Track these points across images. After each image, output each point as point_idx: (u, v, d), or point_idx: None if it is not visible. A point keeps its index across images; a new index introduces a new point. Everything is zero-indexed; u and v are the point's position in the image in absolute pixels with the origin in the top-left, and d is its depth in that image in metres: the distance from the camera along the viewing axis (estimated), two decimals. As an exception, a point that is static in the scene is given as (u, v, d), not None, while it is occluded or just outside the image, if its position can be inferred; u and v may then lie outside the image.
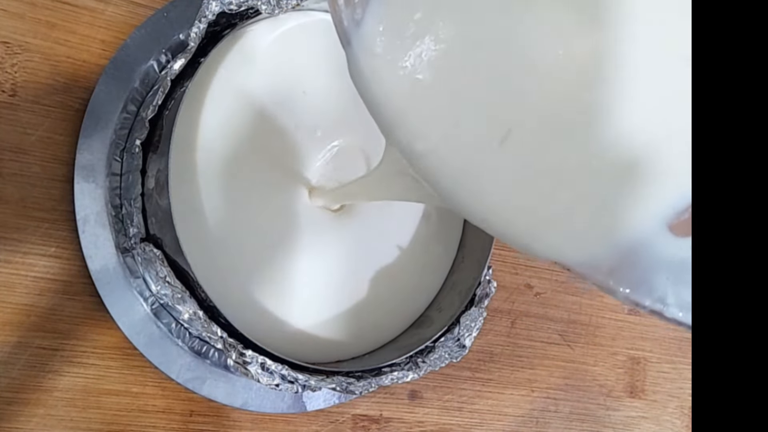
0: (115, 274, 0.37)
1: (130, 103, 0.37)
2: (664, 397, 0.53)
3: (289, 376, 0.35)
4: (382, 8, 0.24)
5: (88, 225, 0.36)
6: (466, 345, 0.40)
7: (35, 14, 0.37)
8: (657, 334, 0.53)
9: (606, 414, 0.51)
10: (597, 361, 0.51)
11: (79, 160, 0.37)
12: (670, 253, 0.24)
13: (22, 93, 0.36)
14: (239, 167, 0.37)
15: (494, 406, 0.47)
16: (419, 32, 0.23)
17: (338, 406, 0.42)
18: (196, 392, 0.38)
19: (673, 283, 0.23)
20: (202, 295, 0.34)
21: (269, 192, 0.38)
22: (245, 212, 0.38)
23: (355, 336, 0.40)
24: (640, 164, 0.23)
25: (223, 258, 0.37)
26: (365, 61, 0.24)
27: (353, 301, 0.41)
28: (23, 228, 0.36)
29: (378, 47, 0.23)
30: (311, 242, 0.39)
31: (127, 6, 0.38)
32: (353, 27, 0.24)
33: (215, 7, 0.35)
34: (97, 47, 0.38)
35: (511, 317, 0.48)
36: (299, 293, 0.39)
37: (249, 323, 0.36)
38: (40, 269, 0.36)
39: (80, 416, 0.37)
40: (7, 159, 0.36)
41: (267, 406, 0.40)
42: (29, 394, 0.36)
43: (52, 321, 0.36)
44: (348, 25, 0.24)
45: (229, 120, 0.37)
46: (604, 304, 0.51)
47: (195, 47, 0.35)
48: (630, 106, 0.23)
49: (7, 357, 0.35)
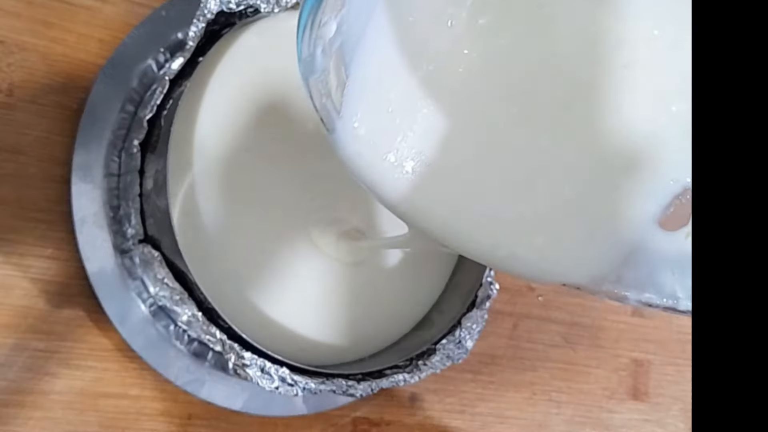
0: (112, 275, 0.37)
1: (128, 103, 0.37)
2: (667, 400, 0.53)
3: (289, 379, 0.35)
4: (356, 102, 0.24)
5: (85, 226, 0.36)
6: (467, 347, 0.39)
7: (32, 13, 0.36)
8: (660, 336, 0.53)
9: (609, 417, 0.50)
10: (600, 364, 0.51)
11: (76, 160, 0.36)
12: (667, 249, 0.24)
13: (19, 93, 0.36)
14: (238, 167, 0.37)
15: (496, 409, 0.47)
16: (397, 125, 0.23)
17: (338, 409, 0.42)
18: (195, 395, 0.38)
19: (679, 277, 0.24)
20: (200, 296, 0.34)
21: (268, 192, 0.38)
22: (244, 213, 0.37)
23: (356, 339, 0.40)
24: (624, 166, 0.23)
25: (221, 259, 0.37)
26: (352, 147, 0.24)
27: (354, 303, 0.40)
28: (20, 229, 0.36)
29: (360, 131, 0.23)
30: (311, 243, 0.39)
31: (125, 5, 0.38)
32: (335, 115, 0.24)
33: (214, 6, 0.35)
34: (94, 46, 0.38)
35: (513, 319, 0.48)
36: (299, 295, 0.39)
37: (248, 325, 0.36)
38: (37, 271, 0.36)
39: (78, 419, 0.36)
40: (3, 159, 0.36)
41: (266, 409, 0.39)
42: (26, 397, 0.35)
43: (50, 323, 0.36)
44: (330, 114, 0.24)
45: (227, 120, 0.37)
46: (606, 306, 0.51)
47: (194, 46, 0.35)
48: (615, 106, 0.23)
49: (4, 359, 0.35)
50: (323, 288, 0.39)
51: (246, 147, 0.38)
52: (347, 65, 0.23)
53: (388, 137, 0.23)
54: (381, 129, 0.23)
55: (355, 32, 0.23)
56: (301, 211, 0.39)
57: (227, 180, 0.37)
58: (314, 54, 0.24)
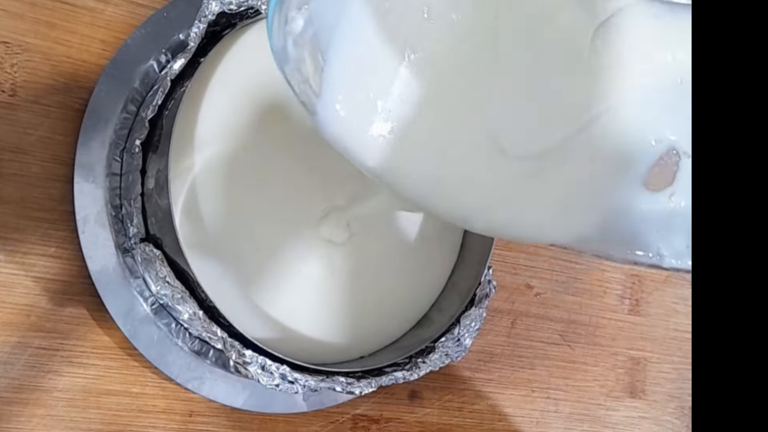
0: (114, 274, 0.37)
1: (130, 103, 0.37)
2: (664, 398, 0.53)
3: (289, 377, 0.35)
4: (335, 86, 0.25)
5: (87, 225, 0.36)
6: (466, 345, 0.40)
7: (35, 14, 0.37)
8: (657, 334, 0.53)
9: (606, 414, 0.51)
10: (597, 362, 0.51)
11: (78, 160, 0.37)
12: (651, 209, 0.25)
13: (22, 93, 0.36)
14: (239, 167, 0.37)
15: (494, 407, 0.47)
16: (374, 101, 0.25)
17: (338, 406, 0.42)
18: (196, 392, 0.38)
19: (663, 235, 0.25)
20: (201, 295, 0.34)
21: (269, 192, 0.38)
22: (245, 212, 0.38)
23: (356, 337, 0.40)
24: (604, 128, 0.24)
25: (223, 258, 0.37)
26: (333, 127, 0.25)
27: (354, 302, 0.40)
28: (23, 228, 0.36)
29: (341, 112, 0.25)
30: (312, 242, 0.39)
31: (127, 6, 0.38)
32: (315, 98, 0.25)
33: (215, 7, 0.35)
34: (97, 47, 0.38)
35: (511, 317, 0.48)
36: (299, 294, 0.39)
37: (249, 323, 0.36)
38: (40, 269, 0.36)
39: (80, 416, 0.37)
40: (6, 159, 0.36)
41: (267, 407, 0.40)
42: (29, 395, 0.36)
43: (52, 321, 0.36)
44: (310, 98, 0.25)
45: (229, 120, 0.37)
46: (604, 304, 0.51)
47: (195, 47, 0.35)
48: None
49: (7, 357, 0.35)
50: (324, 286, 0.40)
51: (247, 146, 0.38)
52: (323, 51, 0.25)
53: (367, 114, 0.25)
54: (360, 107, 0.25)
55: (327, 22, 0.25)
56: (302, 210, 0.39)
57: (228, 179, 0.37)
58: (286, 46, 0.25)
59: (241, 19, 0.37)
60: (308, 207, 0.39)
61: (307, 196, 0.39)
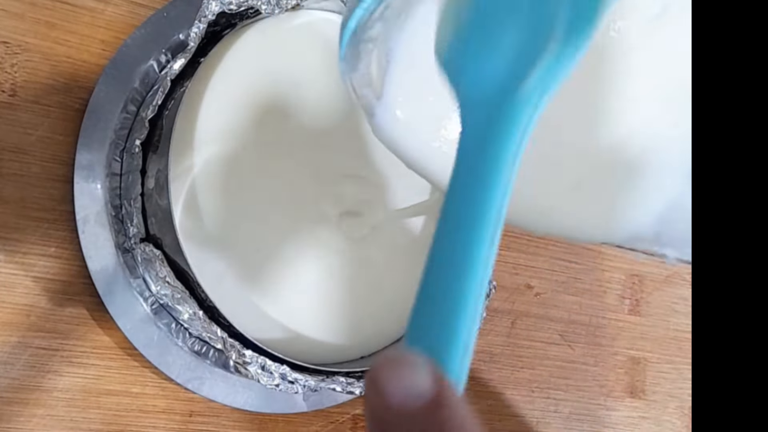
0: (114, 274, 0.37)
1: (130, 103, 0.37)
2: (664, 398, 0.53)
3: (289, 377, 0.35)
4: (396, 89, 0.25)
5: (87, 225, 0.36)
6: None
7: (35, 14, 0.37)
8: (657, 334, 0.53)
9: (606, 414, 0.51)
10: (597, 362, 0.51)
11: (78, 160, 0.37)
12: None
13: (22, 93, 0.36)
14: (239, 167, 0.37)
15: (494, 407, 0.47)
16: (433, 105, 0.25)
17: (338, 406, 0.42)
18: (196, 392, 0.38)
19: None
20: (201, 295, 0.34)
21: (270, 192, 0.38)
22: (245, 213, 0.38)
23: (357, 337, 0.40)
24: None
25: (223, 258, 0.37)
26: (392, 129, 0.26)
27: (354, 302, 0.40)
28: (23, 228, 0.36)
29: (400, 114, 0.25)
30: (312, 243, 0.39)
31: (127, 6, 0.38)
32: (375, 102, 0.26)
33: (215, 7, 0.35)
34: (96, 47, 0.38)
35: (511, 317, 0.48)
36: (300, 294, 0.39)
37: (249, 323, 0.36)
38: (40, 269, 0.36)
39: (80, 416, 0.37)
40: (6, 159, 0.36)
41: (267, 407, 0.40)
42: (29, 394, 0.36)
43: (52, 321, 0.36)
44: (371, 101, 0.26)
45: (229, 120, 0.37)
46: (604, 304, 0.51)
47: (195, 47, 0.35)
48: None
49: (7, 357, 0.35)
50: (324, 286, 0.40)
51: (247, 146, 0.38)
52: (388, 54, 0.25)
53: (426, 118, 0.25)
54: (419, 111, 0.25)
55: (395, 27, 0.25)
56: (302, 210, 0.39)
57: (228, 179, 0.37)
58: (358, 53, 0.25)
59: (241, 19, 0.37)
60: (308, 207, 0.39)
61: (307, 197, 0.39)
